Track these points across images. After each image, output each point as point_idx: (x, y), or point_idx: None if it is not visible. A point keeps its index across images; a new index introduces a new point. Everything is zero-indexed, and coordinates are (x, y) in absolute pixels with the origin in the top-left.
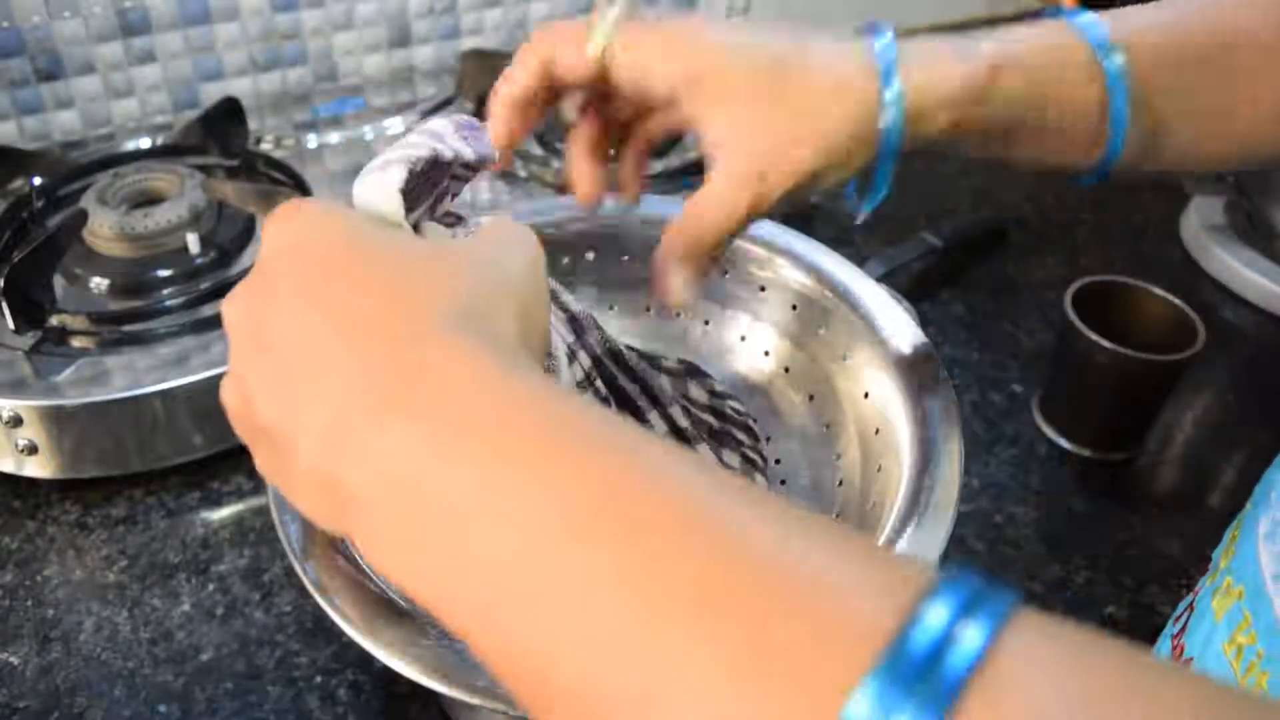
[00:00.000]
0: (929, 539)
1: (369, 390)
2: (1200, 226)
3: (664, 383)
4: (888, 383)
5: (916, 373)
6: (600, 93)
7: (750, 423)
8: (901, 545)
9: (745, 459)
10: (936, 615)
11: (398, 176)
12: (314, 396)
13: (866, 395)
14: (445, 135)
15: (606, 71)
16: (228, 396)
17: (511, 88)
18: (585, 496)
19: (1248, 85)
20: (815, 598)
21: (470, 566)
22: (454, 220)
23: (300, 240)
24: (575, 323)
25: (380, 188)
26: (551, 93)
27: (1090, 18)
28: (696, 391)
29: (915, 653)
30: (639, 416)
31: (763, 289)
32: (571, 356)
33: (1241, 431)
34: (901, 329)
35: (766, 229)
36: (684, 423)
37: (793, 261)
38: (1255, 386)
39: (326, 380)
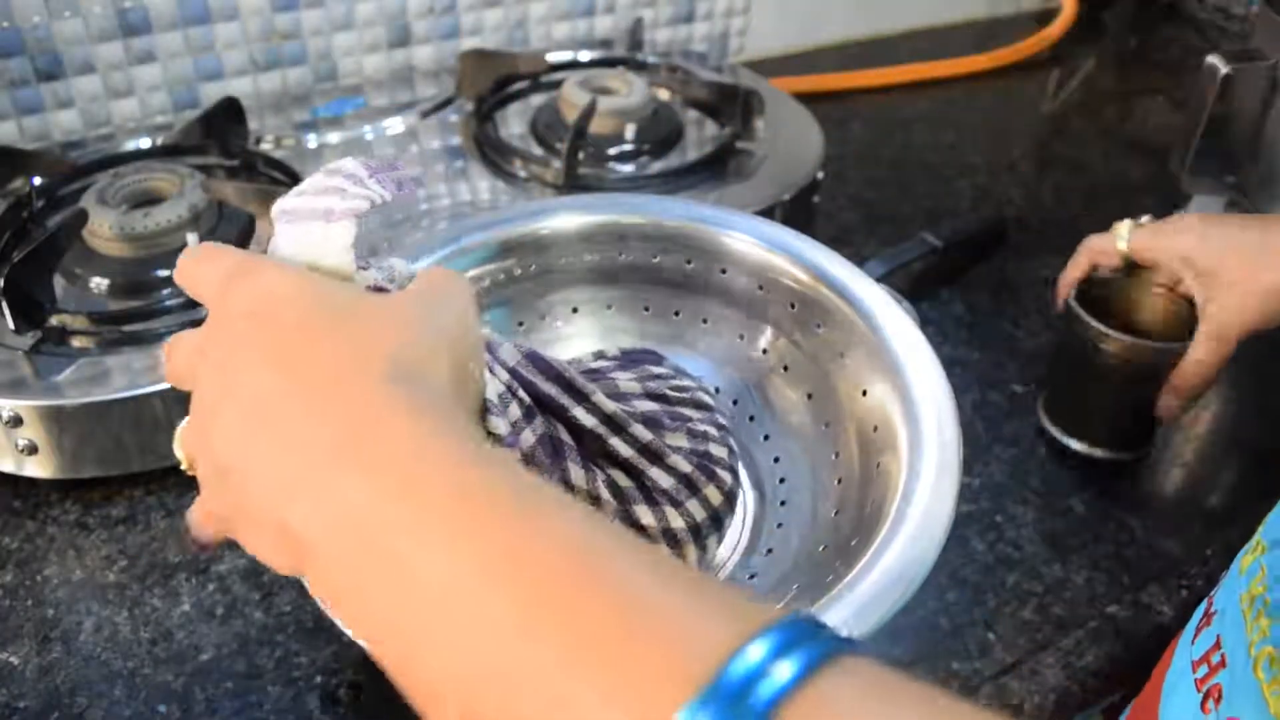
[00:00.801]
0: (926, 538)
1: (319, 443)
2: None
3: (583, 380)
4: (885, 381)
5: (914, 371)
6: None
7: (702, 395)
8: (900, 545)
9: (691, 434)
10: (755, 651)
11: (349, 232)
12: (270, 446)
13: (864, 393)
14: (364, 178)
15: (1130, 258)
16: (190, 436)
17: (1073, 275)
18: (496, 552)
19: None
20: (668, 636)
21: (400, 606)
22: (364, 265)
23: (265, 305)
24: (486, 344)
25: (332, 244)
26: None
27: None
28: (628, 384)
29: (731, 682)
30: (563, 414)
31: (761, 288)
32: (490, 371)
33: (1241, 431)
34: (899, 328)
35: (765, 229)
36: (611, 408)
37: (792, 261)
38: (1255, 386)
39: (282, 433)
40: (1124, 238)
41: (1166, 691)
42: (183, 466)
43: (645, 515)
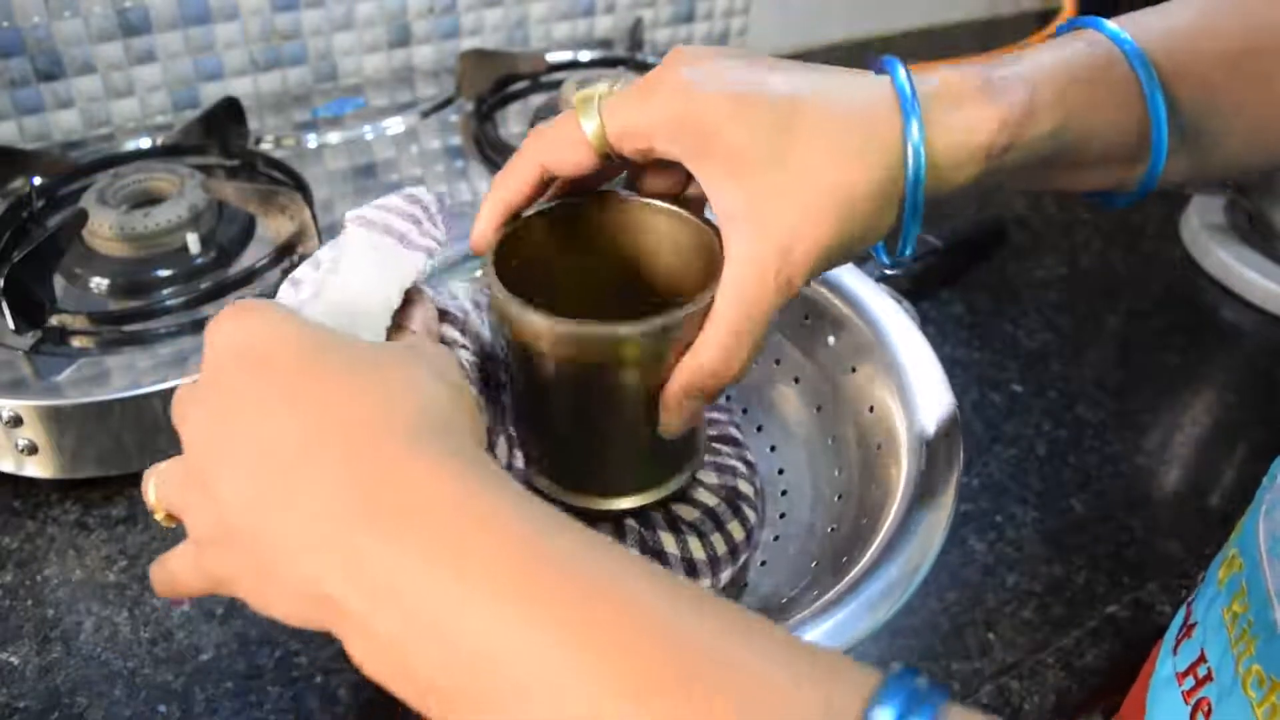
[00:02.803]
0: (923, 541)
1: (351, 501)
2: (1200, 226)
3: None
4: (886, 381)
5: (914, 371)
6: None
7: (734, 430)
8: (896, 548)
9: (720, 469)
10: (884, 716)
11: (421, 263)
12: (293, 502)
13: (871, 409)
14: (434, 212)
15: (610, 154)
16: (174, 487)
17: (509, 193)
18: (575, 631)
19: None
20: (790, 709)
21: (460, 671)
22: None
23: (259, 344)
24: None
25: (404, 268)
26: (547, 186)
27: (1116, 26)
28: None
29: None
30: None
31: (805, 317)
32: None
33: (1241, 431)
34: (900, 328)
35: None
36: None
37: (818, 278)
38: (1255, 386)
39: (305, 487)
40: (593, 116)
41: (1151, 701)
42: (156, 517)
43: (669, 543)
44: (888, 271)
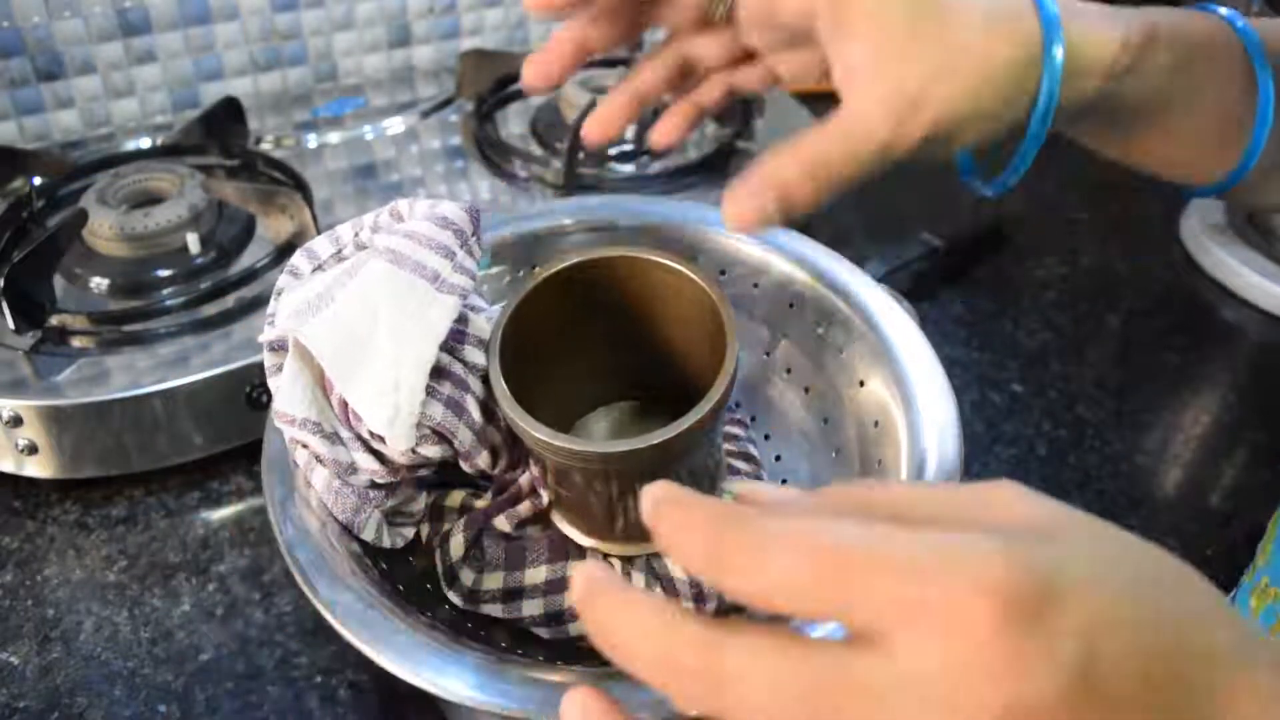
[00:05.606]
0: None
1: None
2: (1200, 226)
3: None
4: (885, 380)
5: (914, 371)
6: (699, 26)
7: (751, 447)
8: None
9: None
10: None
11: (454, 311)
12: None
13: (876, 424)
14: (468, 236)
15: (722, 8)
16: None
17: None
18: None
19: None
20: None
21: None
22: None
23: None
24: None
25: (435, 320)
26: (640, 19)
27: (1228, 12)
28: None
29: None
30: None
31: (791, 305)
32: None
33: (1241, 431)
34: (900, 328)
35: (780, 236)
36: None
37: (793, 261)
38: (1255, 386)
39: None
40: None
41: None
42: None
43: (678, 569)
44: (986, 194)
